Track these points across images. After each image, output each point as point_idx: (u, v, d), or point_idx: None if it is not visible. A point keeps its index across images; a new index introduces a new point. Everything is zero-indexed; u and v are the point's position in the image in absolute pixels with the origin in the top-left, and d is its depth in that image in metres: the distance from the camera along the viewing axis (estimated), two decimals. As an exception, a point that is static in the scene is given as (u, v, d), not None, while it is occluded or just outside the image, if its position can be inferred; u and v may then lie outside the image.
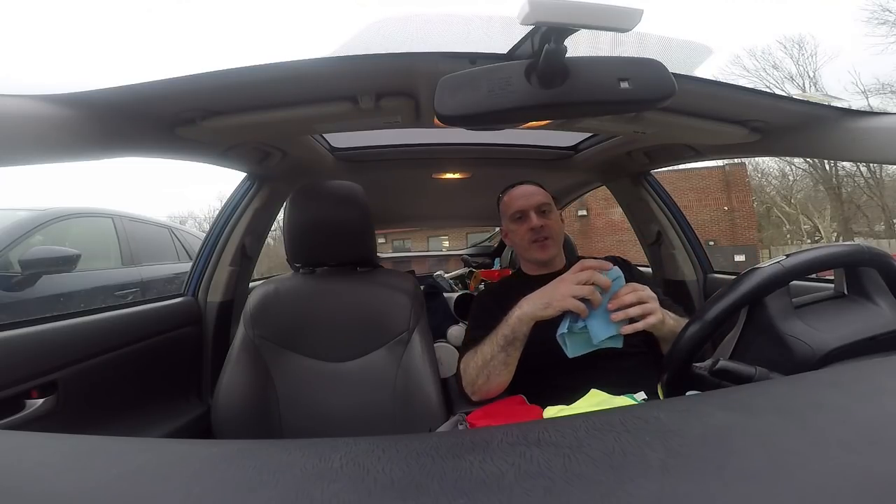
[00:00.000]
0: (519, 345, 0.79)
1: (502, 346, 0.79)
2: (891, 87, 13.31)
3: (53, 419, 0.75)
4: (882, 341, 0.49)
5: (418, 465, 0.22)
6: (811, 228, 16.34)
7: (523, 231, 0.99)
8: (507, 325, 0.78)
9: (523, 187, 1.03)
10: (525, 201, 0.99)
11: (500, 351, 0.79)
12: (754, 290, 0.52)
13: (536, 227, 0.97)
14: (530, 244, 0.98)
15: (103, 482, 0.22)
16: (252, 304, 0.91)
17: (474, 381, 0.83)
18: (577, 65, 0.46)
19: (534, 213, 0.98)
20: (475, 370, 0.83)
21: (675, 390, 0.55)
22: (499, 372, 0.80)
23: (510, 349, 0.78)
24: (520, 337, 0.78)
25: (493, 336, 0.82)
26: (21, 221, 2.16)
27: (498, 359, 0.79)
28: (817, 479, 0.20)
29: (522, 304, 0.78)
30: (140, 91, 0.60)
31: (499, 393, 0.83)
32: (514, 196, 1.02)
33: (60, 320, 0.82)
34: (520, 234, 1.00)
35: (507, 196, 1.05)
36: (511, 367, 0.81)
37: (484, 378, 0.82)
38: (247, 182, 1.22)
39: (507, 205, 1.03)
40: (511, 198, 1.03)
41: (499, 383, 0.82)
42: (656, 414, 0.27)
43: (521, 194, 1.01)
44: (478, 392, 0.84)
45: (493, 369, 0.80)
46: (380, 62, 0.63)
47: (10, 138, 0.51)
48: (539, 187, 1.04)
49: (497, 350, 0.79)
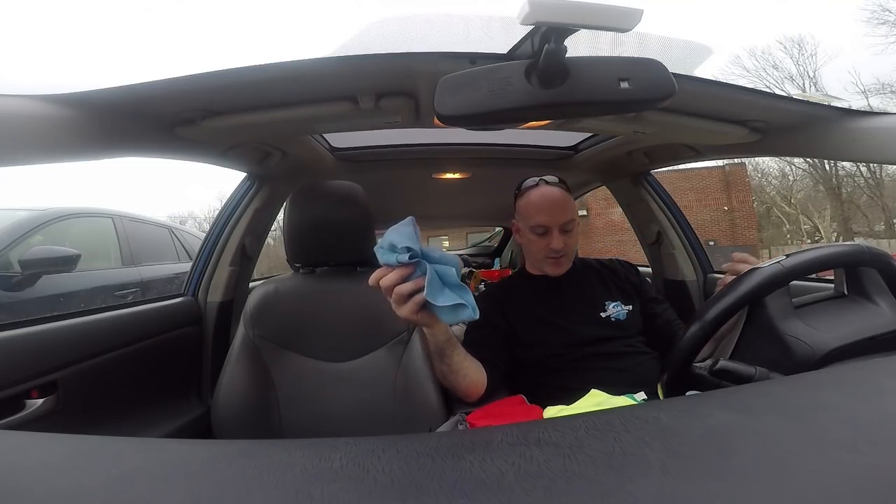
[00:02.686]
0: (450, 352, 0.76)
1: (438, 361, 0.78)
2: (891, 87, 13.33)
3: (53, 419, 0.75)
4: (882, 341, 0.49)
5: (418, 465, 0.22)
6: (811, 228, 16.34)
7: (542, 245, 0.93)
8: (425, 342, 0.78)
9: (549, 192, 0.93)
10: (550, 217, 0.91)
11: (440, 363, 0.78)
12: (754, 290, 0.52)
13: (557, 249, 0.91)
14: (545, 258, 0.94)
15: (103, 482, 0.22)
16: (252, 304, 0.91)
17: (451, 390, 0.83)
18: (577, 65, 0.46)
19: (558, 231, 0.91)
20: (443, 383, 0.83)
21: (675, 390, 0.55)
22: (456, 379, 0.79)
23: (444, 358, 0.76)
24: (441, 346, 0.74)
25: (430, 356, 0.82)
26: (21, 221, 2.16)
27: (444, 371, 0.78)
28: (817, 479, 0.20)
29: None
30: (140, 91, 0.60)
31: (479, 392, 0.83)
32: (538, 204, 0.92)
33: (60, 320, 0.82)
34: (537, 247, 0.94)
35: (528, 199, 0.95)
36: (463, 371, 0.78)
37: (451, 387, 0.82)
38: (247, 182, 1.22)
39: (528, 211, 0.94)
40: (535, 206, 0.93)
41: (467, 386, 0.80)
42: (656, 414, 0.27)
43: (547, 206, 0.92)
44: (462, 397, 0.84)
45: (450, 380, 0.80)
46: (380, 62, 0.63)
47: (10, 138, 0.51)
48: (565, 192, 0.95)
49: (438, 364, 0.79)
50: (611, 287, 0.99)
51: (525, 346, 0.92)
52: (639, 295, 1.00)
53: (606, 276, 1.01)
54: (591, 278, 1.00)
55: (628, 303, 0.96)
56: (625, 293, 0.98)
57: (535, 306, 0.95)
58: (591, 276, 1.01)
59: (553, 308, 0.94)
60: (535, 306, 0.95)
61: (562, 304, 0.95)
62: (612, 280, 1.01)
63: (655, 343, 0.95)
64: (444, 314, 0.56)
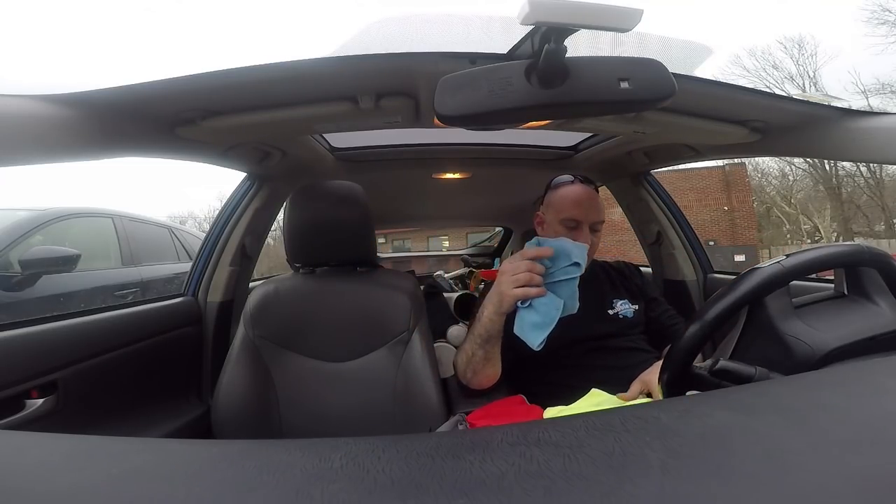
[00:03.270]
0: (495, 341, 0.80)
1: (480, 344, 0.81)
2: (891, 87, 13.32)
3: (53, 419, 0.75)
4: (882, 341, 0.49)
5: (418, 465, 0.22)
6: (811, 228, 16.33)
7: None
8: (482, 325, 0.80)
9: (586, 191, 0.94)
10: (584, 213, 0.91)
11: (479, 348, 0.81)
12: (754, 290, 0.52)
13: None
14: None
15: (103, 482, 0.22)
16: (252, 304, 0.91)
17: (464, 374, 0.86)
18: (577, 65, 0.46)
19: (588, 228, 0.91)
20: (463, 365, 0.86)
21: (675, 390, 0.55)
22: (483, 366, 0.83)
23: (488, 346, 0.80)
24: (494, 334, 0.79)
25: (471, 334, 0.83)
26: (21, 221, 2.16)
27: (478, 355, 0.81)
28: (817, 479, 0.20)
29: (487, 305, 0.79)
30: (140, 91, 0.60)
31: (491, 383, 0.85)
32: (574, 199, 0.93)
33: (60, 320, 0.82)
34: None
35: (565, 191, 0.95)
36: (493, 361, 0.83)
37: (471, 372, 0.84)
38: (247, 182, 1.22)
39: (562, 204, 0.94)
40: (570, 200, 0.93)
41: (486, 375, 0.84)
42: (656, 414, 0.27)
43: (582, 200, 0.92)
44: (470, 383, 0.86)
45: (477, 364, 0.83)
46: (380, 62, 0.63)
47: (10, 138, 0.51)
48: (596, 193, 0.96)
49: (476, 347, 0.82)
50: (619, 286, 1.02)
51: None
52: (643, 296, 1.02)
53: (615, 276, 1.05)
54: (601, 277, 1.03)
55: (635, 302, 0.99)
56: (632, 293, 1.01)
57: None
58: (601, 274, 1.04)
59: None
60: None
61: None
62: (620, 280, 1.04)
63: (657, 343, 0.95)
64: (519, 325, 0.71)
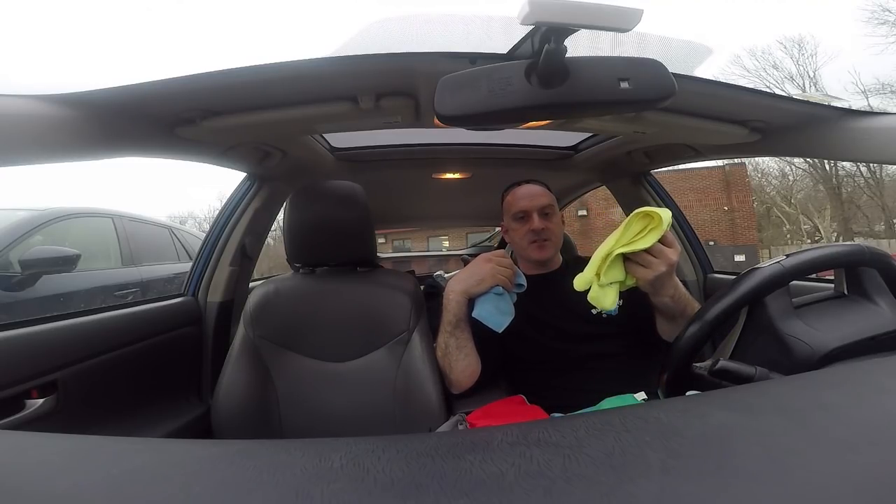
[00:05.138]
0: (464, 325, 0.83)
1: (450, 332, 0.82)
2: (891, 87, 13.30)
3: (53, 419, 0.75)
4: (882, 341, 0.49)
5: (418, 465, 0.22)
6: (811, 228, 16.32)
7: (524, 231, 0.99)
8: (449, 311, 0.82)
9: (529, 187, 1.03)
10: (529, 202, 0.99)
11: (450, 336, 0.83)
12: (754, 290, 0.52)
13: (537, 230, 0.97)
14: (529, 244, 0.99)
15: (103, 482, 0.22)
16: (252, 304, 0.91)
17: (446, 374, 0.87)
18: (577, 65, 0.46)
19: (536, 214, 0.98)
20: (440, 360, 0.87)
21: (675, 390, 0.55)
22: (457, 358, 0.84)
23: (457, 332, 0.82)
24: (462, 317, 0.83)
25: (441, 325, 0.86)
26: (21, 221, 2.15)
27: (451, 345, 0.83)
28: (817, 479, 0.20)
29: (454, 286, 0.83)
30: (140, 91, 0.60)
31: (471, 381, 0.86)
32: (518, 195, 1.02)
33: (60, 320, 0.82)
34: (520, 234, 1.00)
35: (512, 194, 1.05)
36: (466, 350, 0.84)
37: (448, 368, 0.85)
38: (247, 182, 1.22)
39: (511, 203, 1.03)
40: (515, 196, 1.03)
41: (462, 369, 0.85)
42: (656, 414, 0.27)
43: (526, 194, 1.01)
44: (453, 385, 0.86)
45: (451, 356, 0.84)
46: (380, 62, 0.63)
47: (10, 138, 0.51)
48: (545, 188, 1.04)
49: (448, 336, 0.83)
50: None
51: (521, 342, 0.92)
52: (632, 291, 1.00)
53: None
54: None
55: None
56: None
57: (527, 304, 0.95)
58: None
59: (544, 305, 0.95)
60: (527, 304, 0.95)
61: (552, 301, 0.95)
62: None
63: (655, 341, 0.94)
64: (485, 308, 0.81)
